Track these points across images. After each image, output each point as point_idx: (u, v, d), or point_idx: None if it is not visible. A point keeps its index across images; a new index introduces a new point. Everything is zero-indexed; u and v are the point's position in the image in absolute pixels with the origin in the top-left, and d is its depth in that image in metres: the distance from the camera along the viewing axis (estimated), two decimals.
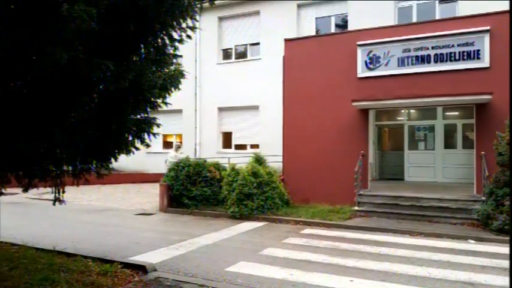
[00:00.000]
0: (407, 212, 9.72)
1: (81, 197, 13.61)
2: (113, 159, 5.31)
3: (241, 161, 12.63)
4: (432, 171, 13.44)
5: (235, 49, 17.68)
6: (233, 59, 17.62)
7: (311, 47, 12.11)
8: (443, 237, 8.13)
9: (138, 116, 5.48)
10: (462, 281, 5.44)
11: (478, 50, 9.80)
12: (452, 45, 10.00)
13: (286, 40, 12.43)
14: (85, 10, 3.08)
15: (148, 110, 5.87)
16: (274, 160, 13.36)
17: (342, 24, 15.31)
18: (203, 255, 6.73)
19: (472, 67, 9.85)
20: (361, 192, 10.70)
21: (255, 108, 16.66)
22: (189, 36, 4.52)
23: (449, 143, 13.33)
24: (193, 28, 4.41)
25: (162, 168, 13.30)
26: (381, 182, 13.35)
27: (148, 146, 5.77)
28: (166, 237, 8.13)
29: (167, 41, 4.40)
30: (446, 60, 10.06)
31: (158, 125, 5.86)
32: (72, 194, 12.18)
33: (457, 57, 9.98)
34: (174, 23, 4.08)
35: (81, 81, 3.96)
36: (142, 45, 4.24)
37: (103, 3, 3.34)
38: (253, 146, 16.83)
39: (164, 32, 4.08)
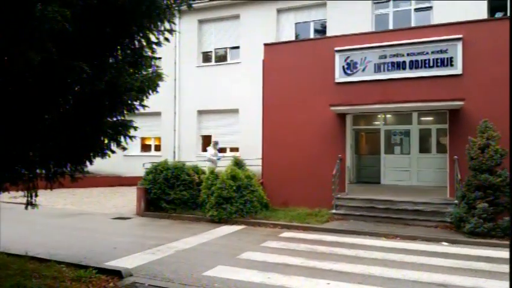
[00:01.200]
0: (383, 215, 9.91)
1: (55, 200, 13.26)
2: (88, 163, 5.21)
3: (221, 164, 12.60)
4: (408, 174, 13.75)
5: (215, 52, 17.66)
6: (213, 62, 17.59)
7: (290, 52, 12.22)
8: (418, 240, 8.32)
9: (115, 119, 5.41)
10: (435, 282, 5.57)
11: (451, 58, 10.11)
12: (427, 53, 10.29)
13: (265, 45, 12.51)
14: (59, 11, 3.02)
15: (125, 112, 5.79)
16: (254, 163, 13.39)
17: (321, 30, 15.52)
18: (180, 260, 6.66)
19: (445, 74, 10.15)
20: (339, 195, 10.84)
21: (235, 111, 16.66)
22: (167, 39, 4.50)
23: (424, 148, 13.68)
24: (171, 31, 4.39)
25: (140, 172, 13.13)
26: (358, 185, 13.56)
27: (124, 149, 5.70)
28: (143, 242, 8.01)
29: (144, 44, 4.36)
30: (421, 67, 10.34)
31: (135, 128, 5.78)
32: (46, 197, 11.88)
33: (431, 64, 10.27)
34: (152, 25, 4.04)
35: (55, 83, 3.88)
36: (118, 47, 4.18)
37: (78, 4, 3.29)
38: (232, 150, 16.81)
39: (141, 35, 4.05)
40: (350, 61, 11.09)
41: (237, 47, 16.98)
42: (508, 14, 12.65)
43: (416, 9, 13.99)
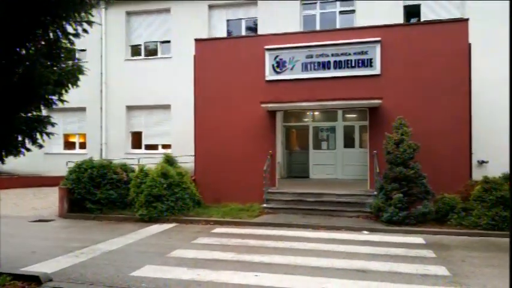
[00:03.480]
0: (311, 207, 10.37)
1: None
2: None
3: (152, 161, 12.27)
4: (333, 169, 14.52)
5: (145, 46, 17.07)
6: (143, 56, 16.97)
7: (222, 49, 12.24)
8: (342, 230, 8.85)
9: (29, 114, 5.05)
10: (356, 269, 5.98)
11: (371, 59, 10.84)
12: (349, 53, 10.93)
13: (196, 40, 12.38)
14: None
15: (42, 108, 5.43)
16: (187, 160, 13.22)
17: (253, 27, 15.72)
18: (106, 262, 6.40)
19: (365, 74, 10.86)
20: (270, 190, 11.13)
21: (167, 107, 16.28)
22: (85, 31, 4.28)
23: (348, 143, 14.52)
24: (90, 22, 4.17)
25: (64, 171, 12.31)
26: (288, 180, 14.02)
27: (41, 146, 5.35)
28: (66, 245, 7.57)
29: (61, 35, 4.11)
30: (344, 67, 10.96)
31: (53, 124, 5.44)
32: None
33: (353, 65, 10.93)
34: (67, 15, 3.82)
35: None
36: (31, 38, 3.89)
37: None
38: (164, 146, 16.43)
39: (56, 25, 3.80)
40: (279, 60, 11.40)
41: (168, 42, 16.57)
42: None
43: (341, 12, 14.76)
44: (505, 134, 12.64)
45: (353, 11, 14.55)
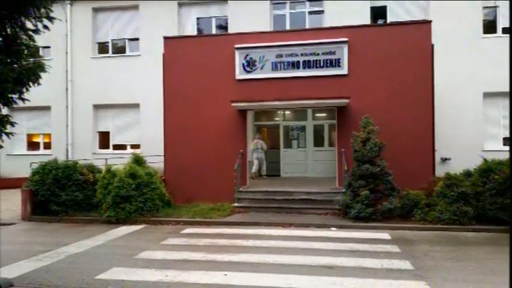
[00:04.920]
0: (281, 205, 10.46)
1: None
2: None
3: (121, 162, 12.01)
4: (304, 167, 14.70)
5: (113, 43, 16.67)
6: (110, 54, 16.58)
7: (191, 47, 12.13)
8: (311, 227, 8.98)
9: None
10: (323, 265, 6.09)
11: (339, 59, 11.05)
12: (318, 53, 11.09)
13: (165, 38, 12.21)
14: None
15: (2, 106, 5.23)
16: (156, 160, 13.03)
17: (224, 26, 15.67)
18: (71, 265, 6.23)
19: (334, 74, 11.05)
20: (241, 189, 11.15)
21: (136, 106, 15.97)
22: (46, 27, 4.14)
23: (318, 142, 14.74)
24: (50, 18, 4.04)
25: (27, 172, 11.84)
26: (260, 179, 14.06)
27: (0, 147, 5.14)
28: (29, 249, 7.30)
29: (19, 30, 3.96)
30: (313, 67, 11.11)
31: (13, 124, 5.24)
32: None
33: (321, 65, 11.09)
34: (25, 10, 3.68)
35: None
36: None
37: None
38: (133, 146, 16.12)
39: (13, 21, 3.66)
40: (249, 59, 11.42)
41: (137, 39, 16.26)
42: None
43: (310, 12, 14.96)
44: (467, 132, 13.28)
45: (322, 12, 14.78)
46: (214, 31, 15.68)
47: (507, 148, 13.06)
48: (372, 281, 5.34)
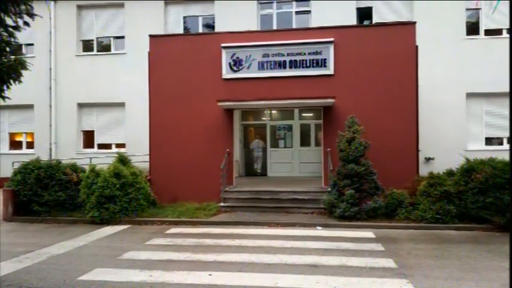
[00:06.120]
0: (268, 205, 10.47)
1: None
2: None
3: (105, 161, 11.86)
4: (290, 166, 14.75)
5: (98, 41, 16.44)
6: (95, 52, 16.34)
7: (178, 46, 12.04)
8: (296, 226, 9.01)
9: None
10: (308, 264, 6.11)
11: (325, 59, 11.10)
12: (304, 53, 11.12)
13: (151, 36, 12.09)
14: None
15: None
16: (142, 160, 12.91)
17: (211, 25, 15.60)
18: (53, 266, 6.12)
19: (320, 74, 11.10)
20: (227, 188, 11.12)
21: (121, 105, 15.78)
22: (26, 23, 4.05)
23: (304, 141, 14.81)
24: (30, 14, 3.96)
25: (10, 172, 11.61)
26: (246, 178, 14.07)
27: None
28: (9, 250, 7.14)
29: None
30: (299, 67, 11.15)
31: None
32: None
33: (308, 64, 11.13)
34: (5, 6, 3.60)
35: None
36: None
37: None
38: (118, 146, 15.92)
39: None
40: (236, 58, 11.40)
41: (122, 37, 16.07)
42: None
43: (297, 12, 15.00)
44: (450, 132, 13.50)
45: (309, 12, 14.83)
46: (201, 30, 15.60)
47: (489, 148, 13.33)
48: (355, 279, 5.38)
